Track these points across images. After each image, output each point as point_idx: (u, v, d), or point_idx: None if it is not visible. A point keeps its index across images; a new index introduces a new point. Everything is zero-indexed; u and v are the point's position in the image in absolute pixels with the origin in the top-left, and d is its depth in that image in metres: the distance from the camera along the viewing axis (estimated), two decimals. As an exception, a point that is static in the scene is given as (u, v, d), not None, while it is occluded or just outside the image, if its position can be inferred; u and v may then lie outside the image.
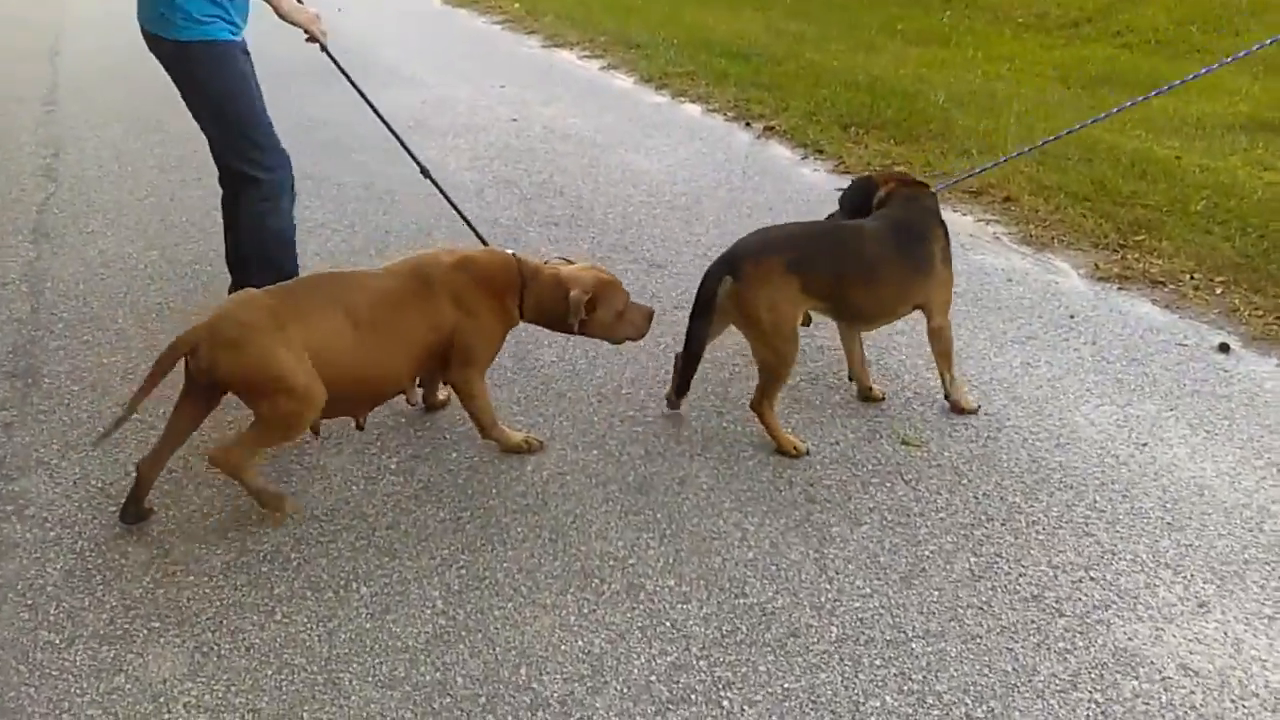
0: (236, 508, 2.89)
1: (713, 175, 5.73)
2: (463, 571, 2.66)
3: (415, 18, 11.14)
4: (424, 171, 3.97)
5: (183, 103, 3.54)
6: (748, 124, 6.66)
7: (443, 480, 3.05)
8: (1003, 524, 2.84)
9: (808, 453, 3.14)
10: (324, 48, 3.68)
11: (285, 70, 5.47)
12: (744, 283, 3.02)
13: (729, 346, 3.68)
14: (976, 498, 2.95)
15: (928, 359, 3.51)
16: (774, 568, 2.67)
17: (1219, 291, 4.13)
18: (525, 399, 3.47)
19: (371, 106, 3.92)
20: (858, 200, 3.40)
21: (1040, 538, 2.78)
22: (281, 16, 3.49)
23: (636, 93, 7.63)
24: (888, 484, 3.01)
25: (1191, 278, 4.26)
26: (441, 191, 4.00)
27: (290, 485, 3.03)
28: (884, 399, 3.43)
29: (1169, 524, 2.82)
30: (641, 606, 2.52)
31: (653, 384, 3.56)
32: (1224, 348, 3.71)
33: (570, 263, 3.21)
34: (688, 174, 5.75)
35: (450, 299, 2.96)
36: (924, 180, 3.44)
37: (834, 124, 6.49)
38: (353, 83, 3.86)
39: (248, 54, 3.57)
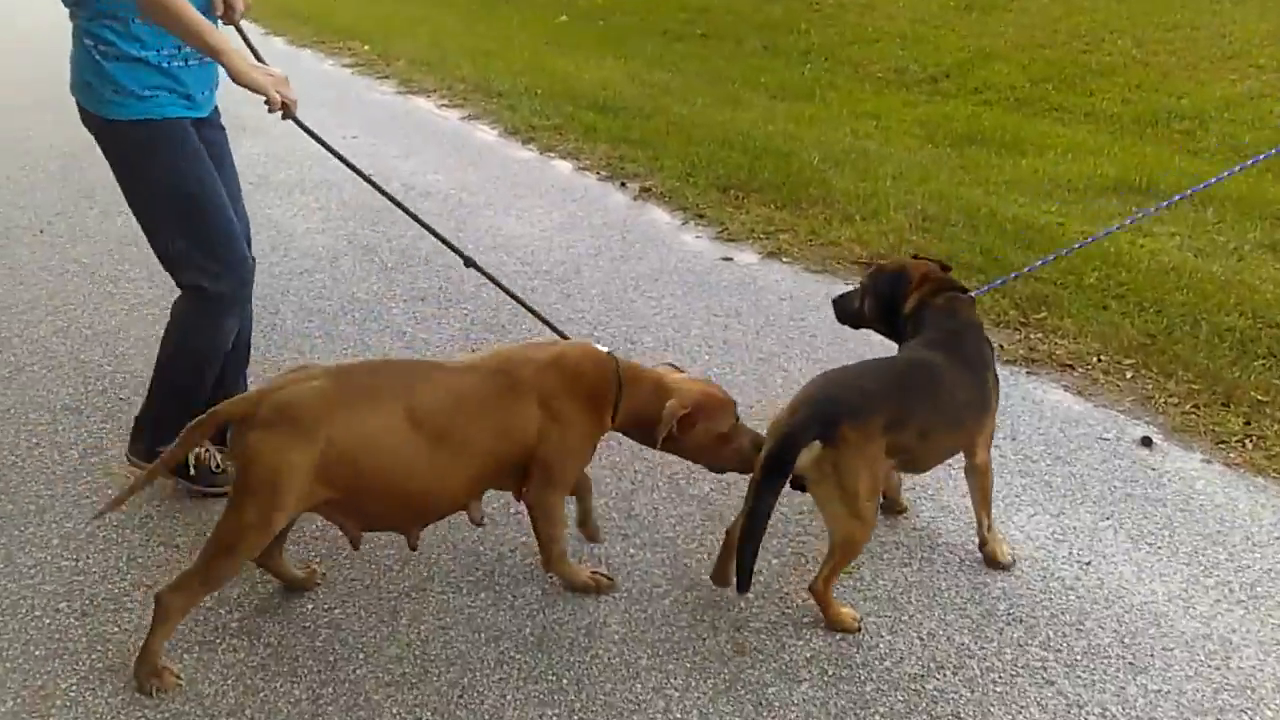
0: (37, 689, 2.29)
1: (591, 241, 5.33)
2: (327, 779, 2.14)
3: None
4: (469, 262, 3.16)
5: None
6: (623, 184, 6.31)
7: (297, 643, 2.51)
8: (954, 673, 2.50)
9: (859, 629, 2.63)
10: (294, 118, 2.79)
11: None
12: (841, 449, 2.43)
13: (626, 449, 3.27)
14: (921, 638, 2.61)
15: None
16: (707, 749, 2.25)
17: (1129, 376, 3.97)
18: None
19: (391, 198, 3.17)
20: (888, 299, 2.94)
21: (999, 689, 2.46)
22: (235, 79, 2.60)
23: (502, 147, 7.19)
24: (822, 624, 2.63)
25: (1099, 360, 4.10)
26: (502, 287, 3.24)
27: (108, 657, 2.44)
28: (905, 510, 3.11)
29: (1131, 664, 2.54)
30: (555, 821, 2.06)
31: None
32: (1147, 441, 3.51)
33: (680, 370, 2.77)
34: (564, 240, 5.34)
35: (539, 404, 2.48)
36: (959, 282, 3.01)
37: (712, 186, 6.19)
38: (351, 165, 3.06)
39: (219, 125, 2.93)
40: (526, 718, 2.31)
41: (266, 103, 2.70)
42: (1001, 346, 4.20)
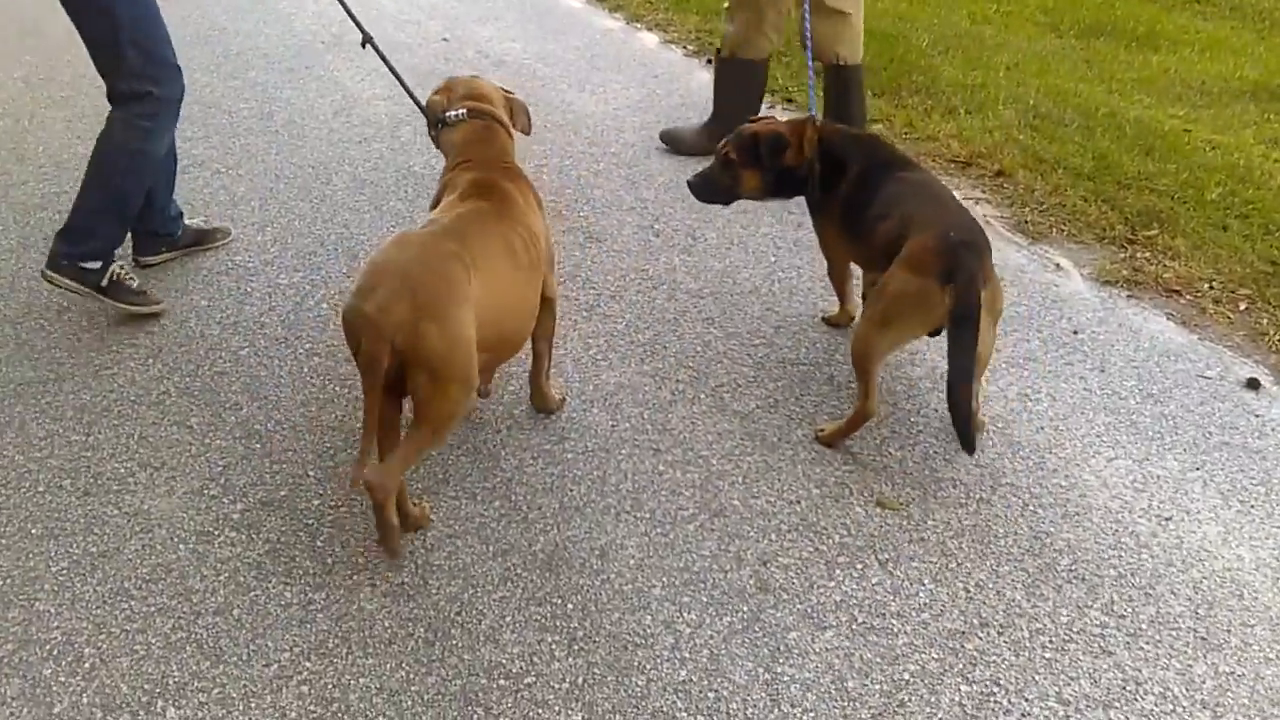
0: None
1: (666, 123, 4.99)
2: (304, 689, 2.02)
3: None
4: (366, 39, 3.29)
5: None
6: (709, 61, 5.89)
7: (296, 541, 2.39)
8: (1000, 632, 2.26)
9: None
10: None
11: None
12: (991, 285, 2.56)
13: (671, 357, 3.04)
14: (968, 590, 2.36)
15: (928, 387, 2.90)
16: (712, 696, 2.07)
17: (1243, 307, 3.55)
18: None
19: None
20: (775, 160, 2.98)
21: (1047, 655, 2.21)
22: None
23: (587, 15, 6.79)
24: (858, 566, 2.41)
25: (1210, 287, 3.67)
26: (392, 70, 3.34)
27: (104, 541, 2.36)
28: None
29: (1203, 640, 2.26)
30: (534, 764, 1.92)
31: (578, 403, 2.90)
32: (1253, 384, 3.14)
33: (445, 93, 2.75)
34: (638, 121, 5.01)
35: (539, 206, 2.66)
36: (811, 116, 3.11)
37: (805, 66, 5.73)
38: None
39: None
40: (524, 642, 2.16)
41: None
42: (1103, 265, 3.80)
